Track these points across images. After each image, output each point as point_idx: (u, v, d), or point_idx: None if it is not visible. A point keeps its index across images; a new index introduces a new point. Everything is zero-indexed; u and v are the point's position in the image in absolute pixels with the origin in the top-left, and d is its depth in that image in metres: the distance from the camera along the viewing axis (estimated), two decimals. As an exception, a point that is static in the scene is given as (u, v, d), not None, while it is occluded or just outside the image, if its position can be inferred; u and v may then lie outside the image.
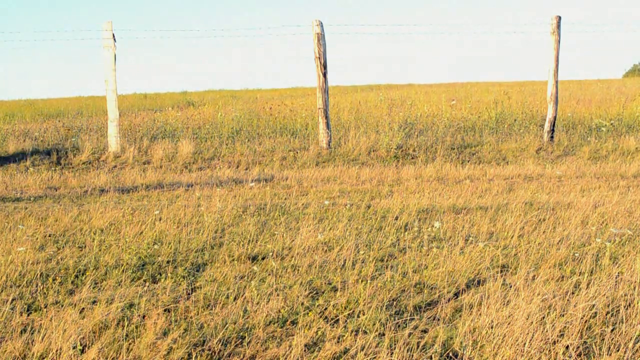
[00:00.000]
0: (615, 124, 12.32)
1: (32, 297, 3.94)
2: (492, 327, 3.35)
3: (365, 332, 3.39)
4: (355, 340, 3.26)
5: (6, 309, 3.69)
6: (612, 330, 3.35)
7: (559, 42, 10.93)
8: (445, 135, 11.59)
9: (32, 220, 6.02)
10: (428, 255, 4.70)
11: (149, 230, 5.46)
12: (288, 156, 10.32)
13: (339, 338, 3.33)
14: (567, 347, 3.17)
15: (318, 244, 4.98)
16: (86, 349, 3.21)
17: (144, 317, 3.60)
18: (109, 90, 10.53)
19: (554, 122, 11.18)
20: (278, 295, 3.88)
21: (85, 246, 5.08)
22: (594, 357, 3.13)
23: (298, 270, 4.41)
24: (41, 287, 4.10)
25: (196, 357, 3.16)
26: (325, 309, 3.71)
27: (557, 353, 3.11)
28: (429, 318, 3.60)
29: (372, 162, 10.07)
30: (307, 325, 3.48)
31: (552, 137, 11.12)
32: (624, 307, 3.62)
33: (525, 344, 3.16)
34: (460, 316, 3.59)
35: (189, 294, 4.01)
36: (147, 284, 4.19)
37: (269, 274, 4.31)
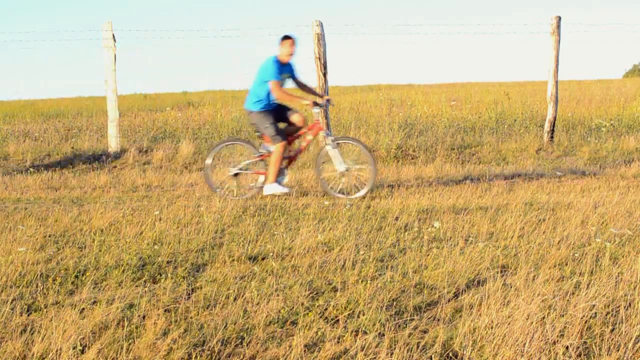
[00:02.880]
0: (615, 124, 12.32)
1: (32, 298, 3.94)
2: (492, 327, 3.34)
3: (365, 332, 3.39)
4: (355, 341, 3.26)
5: (6, 309, 3.68)
6: (612, 331, 3.35)
7: (559, 42, 10.92)
8: (445, 136, 11.59)
9: (32, 220, 6.02)
10: (428, 255, 4.70)
11: (149, 231, 5.46)
12: (288, 156, 10.30)
13: (339, 338, 3.33)
14: (567, 347, 3.17)
15: (318, 244, 4.98)
16: (86, 349, 3.21)
17: (144, 317, 3.60)
18: (109, 90, 10.53)
19: (554, 123, 11.17)
20: (278, 295, 3.88)
21: (85, 246, 5.08)
22: (594, 357, 3.12)
23: (298, 270, 4.41)
24: (41, 288, 4.10)
25: (196, 357, 3.16)
26: (325, 309, 3.71)
27: (557, 353, 3.11)
28: (429, 318, 3.60)
29: (372, 162, 10.05)
30: (307, 325, 3.48)
31: (552, 137, 11.11)
32: (624, 307, 3.62)
33: (525, 344, 3.16)
34: (460, 316, 3.58)
35: (189, 294, 4.01)
36: (147, 284, 4.19)
37: (269, 274, 4.31)
